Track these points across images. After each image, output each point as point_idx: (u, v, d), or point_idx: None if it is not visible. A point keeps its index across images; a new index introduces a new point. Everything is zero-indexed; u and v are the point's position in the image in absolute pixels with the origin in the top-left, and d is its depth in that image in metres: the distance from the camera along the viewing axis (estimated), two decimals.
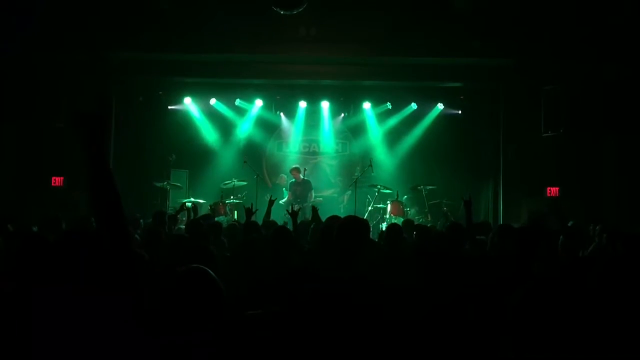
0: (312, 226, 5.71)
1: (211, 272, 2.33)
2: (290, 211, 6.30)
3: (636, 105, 9.56)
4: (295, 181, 11.25)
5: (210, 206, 10.14)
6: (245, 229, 5.48)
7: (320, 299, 2.66)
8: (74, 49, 9.67)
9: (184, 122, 11.93)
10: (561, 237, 4.15)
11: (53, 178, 10.12)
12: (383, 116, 12.20)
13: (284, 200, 11.11)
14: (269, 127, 12.48)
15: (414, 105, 11.91)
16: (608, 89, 9.77)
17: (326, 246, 3.84)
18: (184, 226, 7.42)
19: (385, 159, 12.13)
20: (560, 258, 4.03)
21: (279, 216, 9.67)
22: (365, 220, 3.63)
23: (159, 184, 10.54)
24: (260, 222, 6.67)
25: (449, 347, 2.83)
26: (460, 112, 11.99)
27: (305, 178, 11.24)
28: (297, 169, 11.29)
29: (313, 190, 11.22)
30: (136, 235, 6.05)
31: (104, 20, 9.45)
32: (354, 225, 3.37)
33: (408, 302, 3.01)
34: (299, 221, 7.21)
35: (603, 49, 9.39)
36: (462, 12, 9.36)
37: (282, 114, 12.38)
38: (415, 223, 7.65)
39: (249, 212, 6.33)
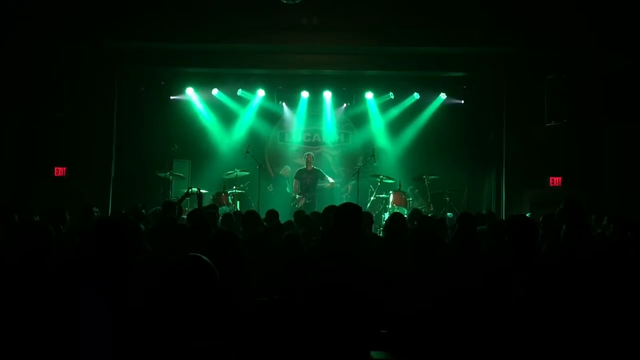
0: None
1: (205, 259, 2.31)
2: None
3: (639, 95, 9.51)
4: (304, 169, 11.23)
5: (213, 196, 10.16)
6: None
7: (321, 288, 2.67)
8: (76, 38, 9.66)
9: (186, 112, 11.92)
10: (564, 226, 4.15)
11: (56, 168, 10.15)
12: (385, 106, 12.16)
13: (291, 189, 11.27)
14: (271, 118, 12.46)
15: (416, 95, 11.87)
16: (612, 78, 9.72)
17: (326, 235, 3.86)
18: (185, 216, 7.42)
19: (387, 149, 12.11)
20: (563, 247, 4.04)
21: (283, 207, 9.67)
22: (357, 205, 3.67)
23: (161, 174, 10.55)
24: (262, 215, 6.70)
25: (446, 331, 2.85)
26: (462, 102, 11.95)
27: (315, 167, 11.26)
28: (311, 156, 11.29)
29: (326, 176, 11.26)
30: (141, 225, 6.05)
31: (105, 9, 9.43)
32: (348, 211, 3.43)
33: (405, 289, 3.03)
34: (309, 212, 7.23)
35: (606, 38, 9.34)
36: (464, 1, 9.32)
37: (284, 104, 12.35)
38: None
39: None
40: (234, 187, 10.58)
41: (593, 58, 9.82)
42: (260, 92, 11.94)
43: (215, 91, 11.81)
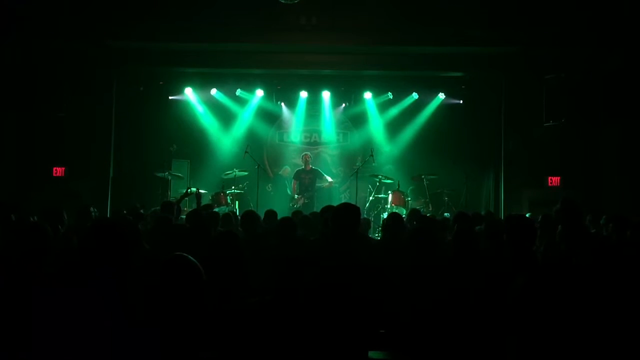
0: None
1: (192, 259, 2.33)
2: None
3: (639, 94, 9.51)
4: (303, 169, 11.22)
5: (212, 196, 10.16)
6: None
7: (320, 287, 2.67)
8: (75, 38, 9.66)
9: (184, 112, 11.91)
10: (559, 226, 4.15)
11: (54, 168, 10.14)
12: (384, 106, 12.16)
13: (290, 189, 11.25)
14: (270, 117, 12.45)
15: (415, 95, 11.86)
16: (611, 78, 9.72)
17: (325, 236, 3.86)
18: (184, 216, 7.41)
19: (386, 149, 12.12)
20: (559, 246, 4.04)
21: (282, 207, 9.68)
22: (355, 205, 3.67)
23: (160, 174, 10.54)
24: (262, 214, 6.68)
25: (445, 332, 2.84)
26: (461, 101, 11.95)
27: (313, 167, 11.25)
28: (309, 156, 11.27)
29: (325, 175, 11.23)
30: (139, 226, 6.04)
31: (105, 8, 9.43)
32: (346, 211, 3.43)
33: (404, 288, 3.02)
34: (308, 212, 7.20)
35: (605, 38, 9.34)
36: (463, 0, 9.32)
37: (283, 104, 12.34)
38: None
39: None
40: (233, 187, 10.58)
41: (592, 57, 9.82)
42: (259, 92, 11.93)
43: (214, 91, 11.80)
